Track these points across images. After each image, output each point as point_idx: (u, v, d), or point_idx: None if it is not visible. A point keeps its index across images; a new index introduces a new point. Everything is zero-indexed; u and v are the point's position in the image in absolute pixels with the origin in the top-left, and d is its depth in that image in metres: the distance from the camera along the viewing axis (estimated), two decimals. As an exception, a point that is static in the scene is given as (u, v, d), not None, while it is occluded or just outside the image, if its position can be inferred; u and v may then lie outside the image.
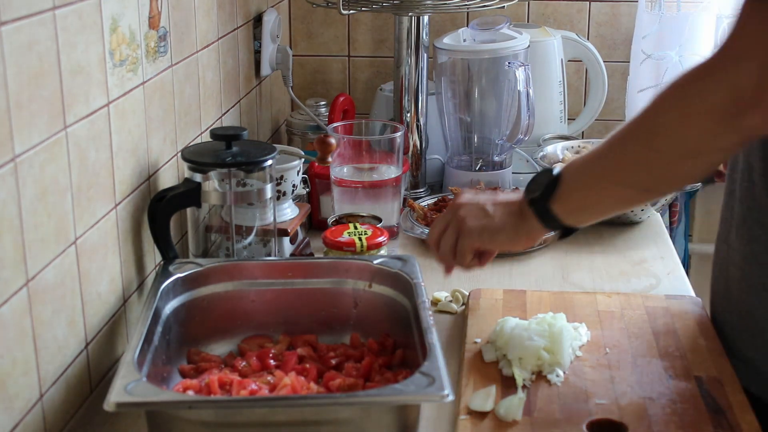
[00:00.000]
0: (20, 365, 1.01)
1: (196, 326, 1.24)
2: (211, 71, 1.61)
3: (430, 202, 1.78)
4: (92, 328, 1.19)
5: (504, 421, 1.10)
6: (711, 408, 1.11)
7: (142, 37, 1.30)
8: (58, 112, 1.07)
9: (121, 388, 0.97)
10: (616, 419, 1.10)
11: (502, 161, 1.90)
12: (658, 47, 2.07)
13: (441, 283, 1.53)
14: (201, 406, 0.99)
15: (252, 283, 1.28)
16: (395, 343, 1.24)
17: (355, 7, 1.79)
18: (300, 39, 2.23)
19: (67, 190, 1.10)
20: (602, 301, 1.39)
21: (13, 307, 0.99)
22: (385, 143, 1.65)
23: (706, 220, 2.32)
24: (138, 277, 1.33)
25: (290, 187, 1.52)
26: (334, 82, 2.25)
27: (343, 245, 1.39)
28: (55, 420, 1.10)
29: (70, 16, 1.09)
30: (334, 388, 1.13)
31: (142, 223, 1.32)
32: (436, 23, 2.13)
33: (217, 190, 1.33)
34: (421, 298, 1.18)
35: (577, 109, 2.16)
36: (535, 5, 2.16)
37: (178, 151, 1.45)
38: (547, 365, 1.20)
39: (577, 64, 2.14)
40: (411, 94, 1.86)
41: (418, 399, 1.01)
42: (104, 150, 1.20)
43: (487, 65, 1.86)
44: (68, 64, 1.09)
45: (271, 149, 1.36)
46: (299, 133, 1.96)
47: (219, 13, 1.64)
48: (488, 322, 1.32)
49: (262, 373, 1.17)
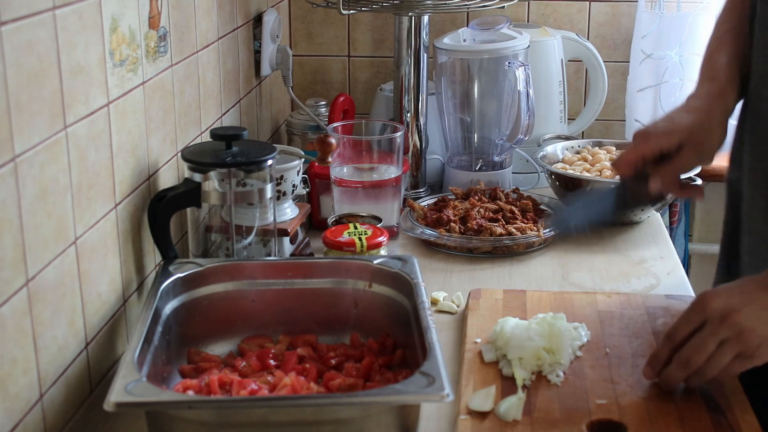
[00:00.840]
0: (20, 365, 1.01)
1: (196, 326, 1.24)
2: (211, 71, 1.61)
3: (430, 202, 1.78)
4: (92, 328, 1.19)
5: (504, 421, 1.10)
6: (711, 408, 1.11)
7: (142, 37, 1.30)
8: (58, 112, 1.07)
9: (121, 388, 0.97)
10: (616, 419, 1.10)
11: (502, 161, 1.90)
12: (658, 47, 2.07)
13: (441, 283, 1.53)
14: (201, 406, 0.99)
15: (252, 283, 1.28)
16: (395, 343, 1.24)
17: (355, 7, 1.79)
18: (300, 39, 2.23)
19: (67, 190, 1.10)
20: (602, 301, 1.39)
21: (13, 307, 0.99)
22: (385, 143, 1.65)
23: (706, 220, 2.32)
24: (138, 277, 1.33)
25: (290, 187, 1.53)
26: (334, 82, 2.25)
27: (343, 245, 1.39)
28: (55, 420, 1.10)
29: (70, 16, 1.09)
30: (334, 388, 1.13)
31: (142, 223, 1.32)
32: (436, 23, 2.13)
33: (217, 190, 1.33)
34: (420, 298, 1.18)
35: (577, 109, 2.16)
36: (535, 5, 2.16)
37: (178, 151, 1.45)
38: (547, 365, 1.20)
39: (577, 64, 2.14)
40: (411, 94, 1.86)
41: (418, 399, 1.01)
42: (104, 150, 1.20)
43: (487, 65, 1.86)
44: (68, 64, 1.09)
45: (271, 149, 1.36)
46: (299, 133, 1.96)
47: (219, 13, 1.64)
48: (488, 322, 1.32)
49: (262, 373, 1.17)
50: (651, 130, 1.25)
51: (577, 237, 1.71)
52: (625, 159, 1.26)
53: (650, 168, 1.25)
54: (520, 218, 1.67)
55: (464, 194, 1.78)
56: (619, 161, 1.27)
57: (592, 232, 1.17)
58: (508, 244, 1.62)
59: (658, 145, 1.23)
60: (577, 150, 1.91)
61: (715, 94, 1.27)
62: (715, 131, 1.25)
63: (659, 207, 1.73)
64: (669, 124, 1.25)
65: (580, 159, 1.85)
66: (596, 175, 1.75)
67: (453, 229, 1.64)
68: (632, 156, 1.25)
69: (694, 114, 1.25)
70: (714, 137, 1.25)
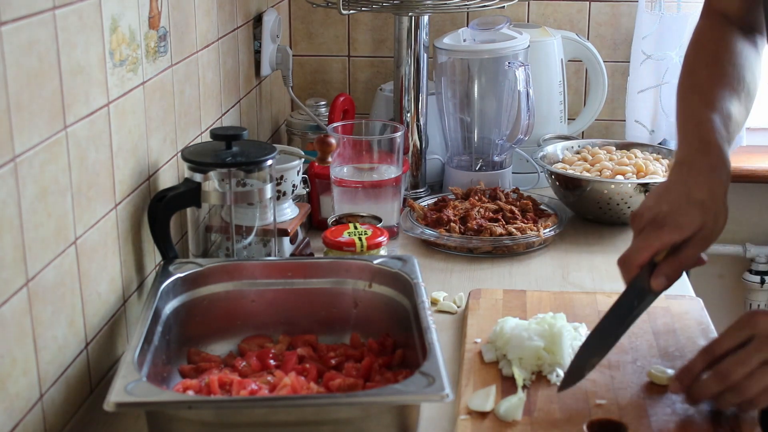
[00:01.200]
0: (20, 365, 1.01)
1: (196, 326, 1.24)
2: (211, 71, 1.61)
3: (430, 202, 1.78)
4: (92, 328, 1.19)
5: (504, 421, 1.10)
6: (711, 408, 1.11)
7: (142, 37, 1.30)
8: (58, 112, 1.07)
9: (121, 388, 0.97)
10: (616, 419, 1.10)
11: (502, 161, 1.90)
12: (658, 47, 2.07)
13: (441, 283, 1.53)
14: (201, 406, 0.99)
15: (252, 283, 1.28)
16: (395, 343, 1.24)
17: (355, 7, 1.79)
18: (300, 39, 2.23)
19: (67, 190, 1.10)
20: (602, 301, 1.39)
21: (13, 307, 0.99)
22: (385, 143, 1.65)
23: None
24: (138, 277, 1.33)
25: (290, 187, 1.52)
26: (334, 82, 2.25)
27: (343, 245, 1.39)
28: (55, 420, 1.10)
29: (70, 16, 1.09)
30: (334, 388, 1.13)
31: (142, 223, 1.32)
32: (436, 23, 2.13)
33: (217, 190, 1.33)
34: (420, 298, 1.18)
35: (577, 109, 2.16)
36: (535, 5, 2.16)
37: (178, 151, 1.45)
38: (547, 365, 1.20)
39: (577, 64, 2.14)
40: (411, 94, 1.86)
41: (418, 399, 1.01)
42: (104, 150, 1.20)
43: (487, 65, 1.86)
44: (68, 64, 1.09)
45: (271, 149, 1.36)
46: (299, 133, 1.96)
47: (219, 13, 1.64)
48: (488, 322, 1.32)
49: (262, 373, 1.17)
50: (657, 223, 1.15)
51: (577, 236, 1.71)
52: (633, 262, 1.16)
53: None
54: (520, 218, 1.67)
55: (464, 194, 1.78)
56: (628, 264, 1.17)
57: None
58: (508, 244, 1.62)
59: (669, 240, 1.14)
60: (577, 150, 1.91)
61: (716, 171, 1.18)
62: (720, 220, 1.16)
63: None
64: (676, 217, 1.15)
65: (580, 159, 1.85)
66: (596, 175, 1.75)
67: (453, 229, 1.64)
68: (641, 259, 1.15)
69: (700, 209, 1.15)
70: (720, 225, 1.16)
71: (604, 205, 1.72)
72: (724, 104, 1.26)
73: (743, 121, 1.30)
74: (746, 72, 1.31)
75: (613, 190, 1.70)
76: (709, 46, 1.34)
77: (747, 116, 1.31)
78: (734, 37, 1.34)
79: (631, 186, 1.69)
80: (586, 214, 1.78)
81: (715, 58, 1.31)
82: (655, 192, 1.20)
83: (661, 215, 1.16)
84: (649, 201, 1.19)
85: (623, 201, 1.70)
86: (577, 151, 1.90)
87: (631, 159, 1.80)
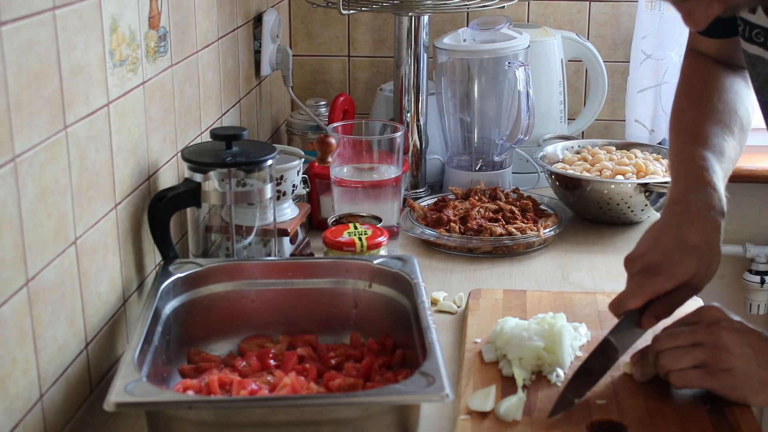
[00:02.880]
0: (20, 365, 1.01)
1: (196, 326, 1.24)
2: (211, 71, 1.61)
3: (430, 202, 1.78)
4: (92, 328, 1.19)
5: (504, 421, 1.10)
6: (711, 408, 1.11)
7: (142, 37, 1.30)
8: (58, 112, 1.07)
9: (121, 388, 0.97)
10: (616, 419, 1.10)
11: (502, 161, 1.90)
12: (658, 47, 2.07)
13: (441, 283, 1.53)
14: (201, 406, 0.99)
15: (252, 283, 1.28)
16: (395, 343, 1.24)
17: (355, 7, 1.79)
18: (300, 39, 2.23)
19: (67, 190, 1.10)
20: (602, 301, 1.39)
21: (13, 307, 0.99)
22: (385, 143, 1.65)
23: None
24: (138, 277, 1.33)
25: (290, 187, 1.53)
26: (334, 82, 2.25)
27: (343, 245, 1.39)
28: (55, 420, 1.10)
29: (70, 16, 1.09)
30: (334, 388, 1.13)
31: (142, 223, 1.32)
32: (436, 23, 2.13)
33: (217, 190, 1.33)
34: (420, 298, 1.18)
35: (577, 109, 2.16)
36: (535, 5, 2.16)
37: (178, 151, 1.45)
38: (547, 365, 1.20)
39: (577, 64, 2.14)
40: (411, 94, 1.86)
41: (418, 399, 1.01)
42: (104, 150, 1.20)
43: (487, 65, 1.86)
44: (68, 64, 1.09)
45: (271, 149, 1.36)
46: (299, 133, 1.96)
47: (219, 13, 1.64)
48: (488, 322, 1.32)
49: (262, 373, 1.17)
50: (651, 271, 1.16)
51: (577, 236, 1.71)
52: (625, 307, 1.18)
53: None
54: (520, 218, 1.67)
55: (464, 194, 1.78)
56: (620, 309, 1.19)
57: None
58: (508, 244, 1.62)
59: (661, 289, 1.16)
60: (577, 150, 1.91)
61: (711, 211, 1.19)
62: (714, 265, 1.17)
63: (659, 207, 1.73)
64: (669, 266, 1.16)
65: (580, 159, 1.85)
66: (596, 175, 1.75)
67: (453, 229, 1.64)
68: (633, 306, 1.17)
69: (694, 256, 1.16)
70: (713, 270, 1.18)
71: (604, 205, 1.72)
72: (716, 141, 1.26)
73: (738, 156, 1.31)
74: (738, 106, 1.31)
75: (613, 190, 1.70)
76: (698, 85, 1.34)
77: (742, 150, 1.31)
78: (721, 73, 1.34)
79: (631, 186, 1.69)
80: (586, 214, 1.78)
81: (703, 97, 1.32)
82: (649, 235, 1.21)
83: (654, 263, 1.17)
84: (643, 246, 1.20)
85: (623, 201, 1.70)
86: (577, 151, 1.91)
87: (631, 159, 1.80)
